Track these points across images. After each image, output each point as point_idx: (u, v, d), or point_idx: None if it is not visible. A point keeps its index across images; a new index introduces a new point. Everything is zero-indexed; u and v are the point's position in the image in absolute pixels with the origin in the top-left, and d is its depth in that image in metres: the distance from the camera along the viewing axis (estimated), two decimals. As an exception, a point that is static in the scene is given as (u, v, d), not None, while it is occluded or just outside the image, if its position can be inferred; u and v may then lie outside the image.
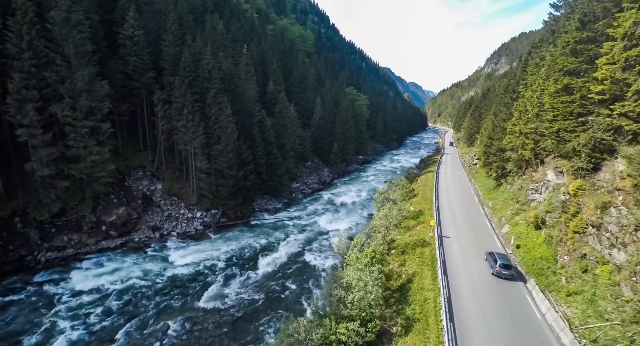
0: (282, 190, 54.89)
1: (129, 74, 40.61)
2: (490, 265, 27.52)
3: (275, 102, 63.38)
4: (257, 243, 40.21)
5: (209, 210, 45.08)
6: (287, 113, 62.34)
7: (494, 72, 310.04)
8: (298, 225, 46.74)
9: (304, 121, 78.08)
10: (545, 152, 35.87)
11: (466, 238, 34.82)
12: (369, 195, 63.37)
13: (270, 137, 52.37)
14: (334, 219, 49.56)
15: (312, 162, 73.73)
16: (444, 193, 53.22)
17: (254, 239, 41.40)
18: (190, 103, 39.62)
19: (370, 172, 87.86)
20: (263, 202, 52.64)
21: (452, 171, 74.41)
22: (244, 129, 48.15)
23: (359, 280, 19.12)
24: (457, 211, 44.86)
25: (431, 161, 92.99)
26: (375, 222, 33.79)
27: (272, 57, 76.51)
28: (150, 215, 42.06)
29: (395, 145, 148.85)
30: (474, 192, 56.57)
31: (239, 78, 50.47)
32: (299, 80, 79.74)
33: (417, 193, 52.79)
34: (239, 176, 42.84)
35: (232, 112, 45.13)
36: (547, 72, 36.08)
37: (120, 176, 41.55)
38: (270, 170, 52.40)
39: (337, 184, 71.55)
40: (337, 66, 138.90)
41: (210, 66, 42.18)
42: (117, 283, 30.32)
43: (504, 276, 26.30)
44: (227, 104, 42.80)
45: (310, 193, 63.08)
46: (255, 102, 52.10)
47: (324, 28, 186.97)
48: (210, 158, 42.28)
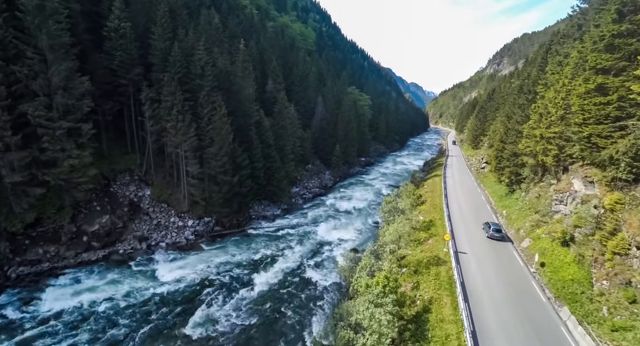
0: (281, 195, 51.53)
1: (114, 70, 37.20)
2: (485, 230, 35.74)
3: (274, 102, 60.00)
4: (253, 256, 36.84)
5: (201, 218, 41.71)
6: (287, 114, 58.98)
7: (496, 72, 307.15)
8: (298, 235, 43.36)
9: (304, 122, 74.70)
10: (571, 159, 32.52)
11: (484, 254, 31.45)
12: (373, 200, 60.07)
13: (268, 138, 49.01)
14: (337, 227, 46.18)
15: (313, 165, 70.37)
16: (454, 200, 49.88)
17: (249, 251, 38.02)
18: (180, 102, 36.22)
19: (373, 174, 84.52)
20: (260, 208, 49.27)
21: (459, 175, 71.09)
22: (240, 131, 44.77)
23: (371, 318, 15.80)
24: (469, 221, 41.51)
25: (436, 164, 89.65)
26: (384, 238, 30.40)
27: (272, 54, 73.08)
28: (138, 224, 38.66)
29: (398, 146, 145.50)
30: (485, 198, 53.24)
31: (235, 75, 47.08)
32: (300, 78, 76.34)
33: (426, 200, 49.43)
34: (234, 182, 39.46)
35: (227, 112, 41.72)
36: (573, 71, 32.71)
37: (105, 181, 38.15)
38: (268, 174, 49.03)
39: (339, 188, 68.20)
40: (338, 65, 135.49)
41: (202, 62, 38.78)
42: (94, 304, 26.93)
43: (495, 238, 34.44)
44: (222, 103, 39.42)
45: (311, 198, 59.71)
46: (252, 101, 48.73)
47: (326, 26, 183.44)
48: (202, 162, 38.90)
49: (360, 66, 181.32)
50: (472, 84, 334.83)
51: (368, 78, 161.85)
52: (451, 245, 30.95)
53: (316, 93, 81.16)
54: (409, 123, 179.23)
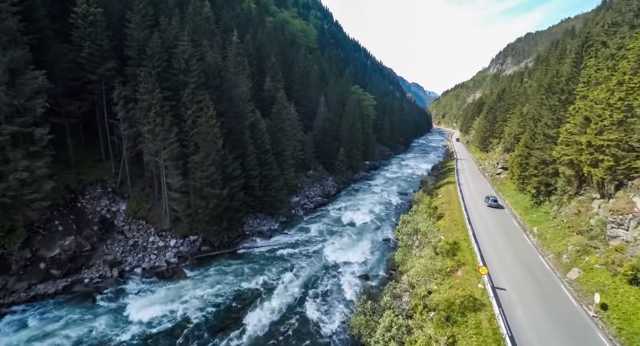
0: (279, 206, 45.69)
1: (81, 64, 31.36)
2: (485, 201, 47.40)
3: (272, 102, 54.16)
4: (245, 285, 30.99)
5: (186, 236, 35.90)
6: (287, 115, 53.15)
7: (499, 72, 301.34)
8: (298, 256, 37.52)
9: (305, 123, 68.87)
10: (634, 172, 26.66)
11: (526, 290, 25.62)
12: (380, 211, 54.23)
13: (265, 143, 43.17)
14: (342, 246, 40.31)
15: (315, 170, 64.52)
16: (475, 214, 44.05)
17: (241, 278, 32.17)
18: (159, 101, 30.39)
19: (379, 180, 78.65)
20: (256, 223, 43.43)
21: (473, 182, 65.25)
22: (232, 135, 38.98)
23: None
24: (497, 241, 35.72)
25: (446, 168, 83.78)
26: (411, 278, 24.36)
27: (270, 50, 67.23)
28: (110, 245, 32.83)
29: (402, 148, 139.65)
30: (509, 211, 47.41)
31: (227, 71, 41.24)
32: (301, 76, 70.48)
33: (443, 214, 43.57)
34: (224, 195, 33.63)
35: (217, 113, 35.94)
36: (636, 65, 26.83)
37: (71, 195, 32.29)
38: (264, 184, 43.19)
39: (344, 196, 62.35)
40: (341, 63, 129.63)
41: (187, 54, 32.92)
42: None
43: (494, 206, 45.60)
44: (210, 103, 33.60)
45: (313, 208, 53.86)
46: (247, 100, 42.91)
47: (327, 24, 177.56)
48: (186, 172, 33.08)
49: (363, 65, 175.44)
50: (475, 84, 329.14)
51: (371, 77, 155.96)
52: (487, 280, 25.14)
53: (318, 93, 75.32)
54: (413, 124, 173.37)
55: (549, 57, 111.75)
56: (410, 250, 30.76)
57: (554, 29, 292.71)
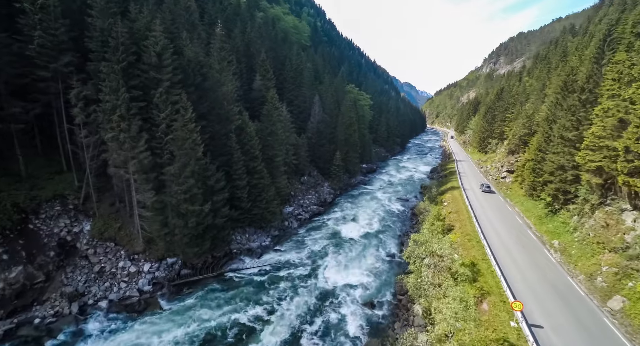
0: (270, 219, 40.98)
1: (30, 57, 26.17)
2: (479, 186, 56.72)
3: (262, 102, 49.36)
4: (232, 317, 26.23)
5: (163, 259, 30.96)
6: (278, 116, 48.40)
7: (492, 72, 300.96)
8: (292, 278, 32.86)
9: (299, 125, 64.23)
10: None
11: (566, 326, 21.41)
12: (382, 220, 49.87)
13: (254, 148, 38.38)
14: (342, 264, 35.83)
15: (310, 176, 59.89)
16: (487, 225, 40.02)
17: (227, 309, 27.38)
18: (124, 102, 25.40)
19: (377, 184, 74.37)
20: (244, 239, 38.63)
21: (477, 187, 61.28)
22: (215, 140, 34.18)
23: None
24: (517, 258, 31.64)
25: (447, 171, 79.93)
26: (437, 331, 19.72)
27: (261, 46, 62.43)
28: (70, 274, 27.72)
29: (399, 149, 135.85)
30: (521, 220, 43.50)
31: (211, 68, 36.36)
32: (293, 74, 65.75)
33: (453, 225, 39.39)
34: (205, 212, 28.79)
35: (197, 116, 31.11)
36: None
37: (21, 215, 27.07)
38: (254, 195, 38.42)
39: (341, 203, 57.84)
40: (335, 62, 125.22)
41: (160, 47, 27.95)
42: None
43: (487, 191, 54.57)
44: (188, 104, 28.69)
45: (308, 218, 49.23)
46: (233, 101, 38.08)
47: (320, 21, 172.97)
48: (160, 186, 28.15)
49: (358, 63, 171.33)
50: (469, 84, 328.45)
51: (366, 76, 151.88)
52: (521, 317, 20.86)
53: (312, 92, 70.67)
54: (409, 125, 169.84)
55: (548, 55, 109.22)
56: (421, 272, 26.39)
57: (546, 28, 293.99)
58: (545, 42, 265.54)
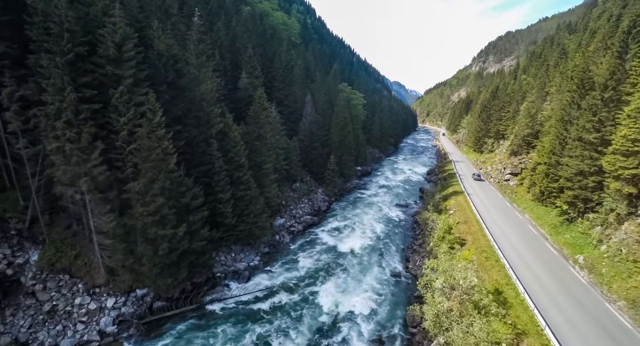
0: (259, 234, 36.16)
1: (-49, 49, 20.76)
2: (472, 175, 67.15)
3: (249, 102, 44.42)
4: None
5: (131, 291, 25.88)
6: (267, 118, 43.53)
7: (482, 70, 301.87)
8: (285, 307, 28.17)
9: (289, 126, 59.45)
10: None
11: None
12: (382, 231, 45.60)
13: (239, 155, 33.45)
14: (342, 287, 31.33)
15: (302, 182, 55.19)
16: (501, 237, 36.16)
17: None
18: (71, 104, 20.24)
19: (373, 188, 70.14)
20: (229, 259, 33.70)
21: (482, 191, 57.72)
22: (193, 147, 29.19)
23: None
24: (542, 278, 27.93)
25: (446, 174, 76.27)
26: None
27: (247, 41, 57.34)
28: (11, 318, 22.43)
29: (392, 149, 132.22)
30: (535, 229, 39.94)
31: (187, 63, 31.30)
32: (283, 72, 60.86)
33: (465, 239, 35.31)
34: (179, 235, 23.83)
35: (171, 120, 26.13)
36: None
37: (-57, 245, 21.67)
38: (239, 209, 33.54)
39: (336, 211, 53.33)
40: (326, 60, 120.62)
41: (119, 36, 22.83)
42: None
43: (477, 179, 64.45)
44: (157, 106, 23.64)
45: (302, 230, 44.53)
46: (215, 101, 33.07)
47: (311, 19, 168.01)
48: (121, 207, 23.08)
49: (349, 61, 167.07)
50: (459, 82, 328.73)
51: (358, 74, 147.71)
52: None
53: (303, 91, 65.89)
54: (401, 124, 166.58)
55: (543, 52, 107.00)
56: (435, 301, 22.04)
57: (534, 28, 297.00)
58: (533, 41, 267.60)
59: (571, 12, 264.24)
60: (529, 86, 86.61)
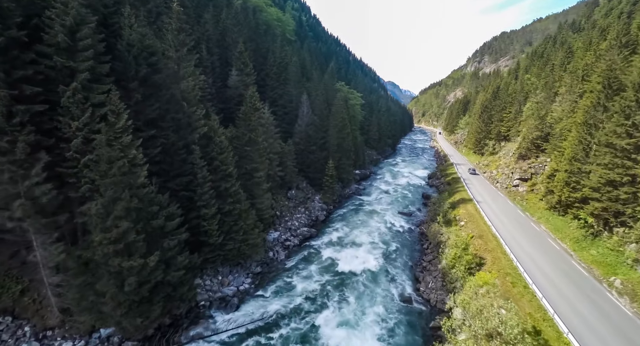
0: (250, 253, 31.72)
1: None
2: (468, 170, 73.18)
3: (240, 101, 39.93)
4: None
5: (93, 331, 21.25)
6: (259, 119, 39.06)
7: (478, 70, 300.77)
8: (281, 343, 23.82)
9: (284, 128, 55.04)
10: None
11: None
12: (386, 244, 41.48)
13: (226, 163, 28.92)
14: (345, 317, 27.07)
15: (298, 189, 50.80)
16: (523, 255, 32.31)
17: None
18: (0, 105, 15.59)
19: (373, 194, 66.00)
20: (216, 283, 29.18)
21: (491, 198, 54.05)
22: (170, 156, 24.62)
23: None
24: (583, 311, 23.84)
25: (449, 178, 72.47)
26: None
27: (238, 35, 52.69)
28: None
29: (390, 151, 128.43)
30: (556, 244, 36.13)
31: (165, 56, 26.68)
32: (277, 70, 56.35)
33: (484, 259, 31.26)
34: (150, 266, 19.29)
35: (144, 123, 21.57)
36: None
37: None
38: (227, 225, 29.04)
39: (335, 221, 49.03)
40: (322, 58, 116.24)
41: (70, 20, 18.20)
42: None
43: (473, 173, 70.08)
44: (122, 107, 19.04)
45: (298, 245, 40.16)
46: (198, 101, 28.48)
47: (306, 16, 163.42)
48: (75, 233, 18.45)
49: (346, 60, 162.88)
50: (455, 82, 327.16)
51: (356, 73, 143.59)
52: None
53: (299, 90, 61.49)
54: (399, 124, 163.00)
55: (545, 52, 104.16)
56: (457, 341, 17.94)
57: (528, 28, 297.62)
58: (528, 41, 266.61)
59: (566, 12, 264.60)
60: (533, 86, 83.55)
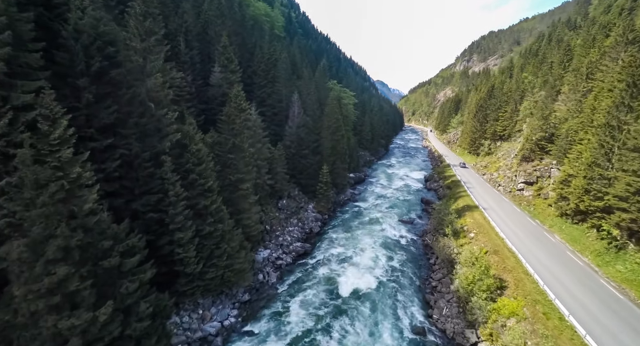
0: (236, 279, 27.08)
1: None
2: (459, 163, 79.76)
3: (223, 101, 35.14)
4: None
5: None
6: (245, 122, 34.32)
7: (467, 69, 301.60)
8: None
9: (273, 130, 50.38)
10: None
11: None
12: (389, 260, 37.51)
13: (205, 176, 24.17)
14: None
15: (289, 198, 46.22)
16: (547, 274, 28.62)
17: None
18: None
19: (369, 199, 61.99)
20: (195, 319, 24.37)
21: (495, 204, 50.72)
22: (133, 170, 19.79)
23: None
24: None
25: (449, 181, 69.02)
26: None
27: (222, 28, 47.67)
28: None
29: (383, 151, 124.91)
30: (577, 258, 32.71)
31: (127, 47, 21.75)
32: (265, 66, 51.54)
33: (505, 281, 27.41)
34: (99, 322, 14.52)
35: (98, 130, 16.71)
36: None
37: None
38: (208, 249, 24.34)
39: (331, 233, 44.69)
40: (313, 55, 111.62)
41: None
42: None
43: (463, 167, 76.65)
44: (58, 111, 14.18)
45: (291, 263, 35.67)
46: (170, 102, 23.64)
47: (295, 12, 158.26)
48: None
49: (337, 58, 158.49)
50: (444, 81, 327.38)
51: (346, 72, 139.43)
52: None
53: (289, 89, 56.88)
54: (391, 124, 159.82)
55: (540, 50, 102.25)
56: None
57: (515, 28, 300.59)
58: (516, 40, 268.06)
59: (552, 12, 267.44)
60: (530, 84, 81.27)
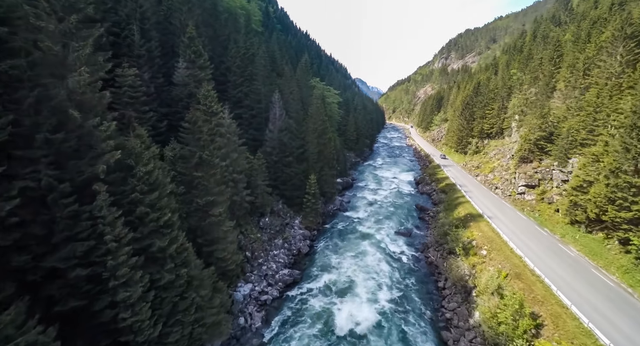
0: (209, 336, 20.93)
1: None
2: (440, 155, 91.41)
3: (188, 104, 28.62)
4: None
5: None
6: (216, 129, 28.00)
7: (445, 67, 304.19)
8: None
9: (252, 135, 44.12)
10: None
11: None
12: (391, 286, 32.42)
13: (160, 208, 17.88)
14: None
15: (272, 214, 40.11)
16: (583, 303, 24.23)
17: None
18: None
19: (360, 208, 56.76)
20: (150, 399, 18.11)
21: (497, 210, 46.86)
22: (45, 208, 13.29)
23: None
24: None
25: (442, 184, 64.96)
26: None
27: (188, 16, 40.75)
28: None
29: (369, 152, 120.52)
30: (602, 275, 28.87)
31: (38, 30, 15.10)
32: (241, 62, 45.02)
33: (540, 317, 22.76)
34: None
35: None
36: None
37: None
38: (167, 304, 18.07)
39: (321, 254, 38.99)
40: (293, 52, 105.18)
41: None
42: None
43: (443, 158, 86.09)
44: None
45: (278, 296, 29.73)
46: (105, 106, 17.14)
47: (273, 7, 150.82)
48: None
49: (318, 54, 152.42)
50: (424, 78, 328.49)
51: (328, 69, 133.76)
52: None
53: (269, 88, 50.61)
54: (375, 124, 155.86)
55: (524, 47, 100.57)
56: None
57: (491, 26, 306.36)
58: (492, 38, 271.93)
59: (525, 11, 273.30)
60: (519, 81, 78.85)
